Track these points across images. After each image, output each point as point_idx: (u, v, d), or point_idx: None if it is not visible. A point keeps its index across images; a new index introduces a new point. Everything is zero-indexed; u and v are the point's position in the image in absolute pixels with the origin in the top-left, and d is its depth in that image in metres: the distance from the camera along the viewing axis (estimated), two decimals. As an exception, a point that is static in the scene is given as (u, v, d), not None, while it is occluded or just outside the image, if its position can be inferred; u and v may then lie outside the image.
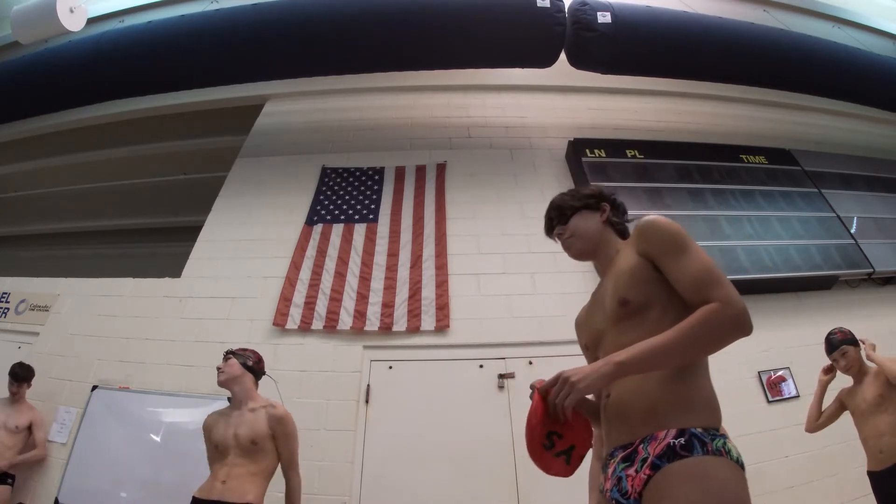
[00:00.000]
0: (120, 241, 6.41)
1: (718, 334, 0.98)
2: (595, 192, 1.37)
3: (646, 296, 1.10)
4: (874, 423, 2.41)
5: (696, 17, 4.13)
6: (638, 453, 0.99)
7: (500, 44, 3.86)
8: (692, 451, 0.93)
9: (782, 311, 3.57)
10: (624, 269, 1.16)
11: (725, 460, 0.94)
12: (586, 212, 1.33)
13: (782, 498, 2.80)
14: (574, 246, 1.32)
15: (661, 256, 1.10)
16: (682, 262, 1.06)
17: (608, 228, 1.32)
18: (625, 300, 1.11)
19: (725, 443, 0.97)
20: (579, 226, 1.32)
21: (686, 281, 1.05)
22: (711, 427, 0.99)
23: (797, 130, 5.10)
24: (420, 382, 3.15)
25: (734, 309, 0.97)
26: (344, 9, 3.72)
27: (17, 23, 3.86)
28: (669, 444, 0.95)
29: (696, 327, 0.98)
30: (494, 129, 4.69)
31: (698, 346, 0.99)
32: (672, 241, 1.09)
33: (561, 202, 1.37)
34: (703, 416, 0.99)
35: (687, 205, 3.94)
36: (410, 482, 2.83)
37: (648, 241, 1.13)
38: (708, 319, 0.97)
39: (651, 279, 1.10)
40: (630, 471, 0.99)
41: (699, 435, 0.95)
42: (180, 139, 5.55)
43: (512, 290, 3.47)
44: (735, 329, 0.97)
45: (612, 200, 1.36)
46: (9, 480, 2.84)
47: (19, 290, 3.83)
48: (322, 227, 3.89)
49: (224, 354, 2.31)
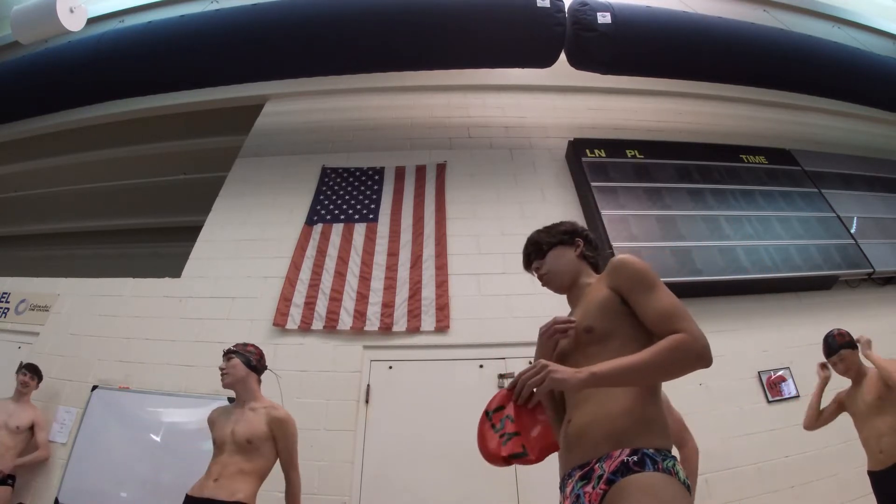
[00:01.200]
0: (120, 241, 6.42)
1: (684, 362, 1.07)
2: (569, 228, 1.47)
3: (611, 326, 1.18)
4: (874, 424, 2.42)
5: (696, 17, 4.13)
6: (594, 471, 1.06)
7: (500, 44, 3.86)
8: (644, 467, 1.01)
9: (782, 311, 3.57)
10: (594, 300, 1.24)
11: (674, 479, 1.01)
12: (561, 247, 1.43)
13: (782, 498, 2.80)
14: (552, 282, 1.42)
15: (631, 292, 1.18)
16: (652, 297, 1.15)
17: (582, 262, 1.41)
18: (590, 328, 1.20)
19: (675, 464, 1.04)
20: (555, 262, 1.42)
21: (655, 314, 1.13)
22: (664, 448, 1.07)
23: (797, 130, 5.10)
24: (420, 382, 3.15)
25: (701, 342, 1.07)
26: (344, 9, 3.72)
27: (17, 23, 3.86)
28: (623, 461, 1.02)
29: (665, 352, 1.06)
30: (494, 129, 4.69)
31: (664, 369, 1.07)
32: (643, 278, 1.18)
33: (537, 238, 1.47)
34: (656, 439, 1.08)
35: (687, 205, 3.94)
36: (410, 482, 2.83)
37: (620, 278, 1.21)
38: (678, 347, 1.06)
39: (618, 312, 1.19)
40: (587, 488, 1.06)
41: (651, 455, 1.03)
42: (180, 139, 5.55)
43: (512, 290, 3.47)
44: (699, 360, 1.06)
45: (585, 236, 1.45)
46: (9, 481, 2.83)
47: (19, 290, 3.83)
48: (322, 226, 3.89)
49: (225, 354, 2.28)
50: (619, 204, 3.84)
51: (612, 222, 3.67)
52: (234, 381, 2.21)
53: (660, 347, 1.08)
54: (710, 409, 3.01)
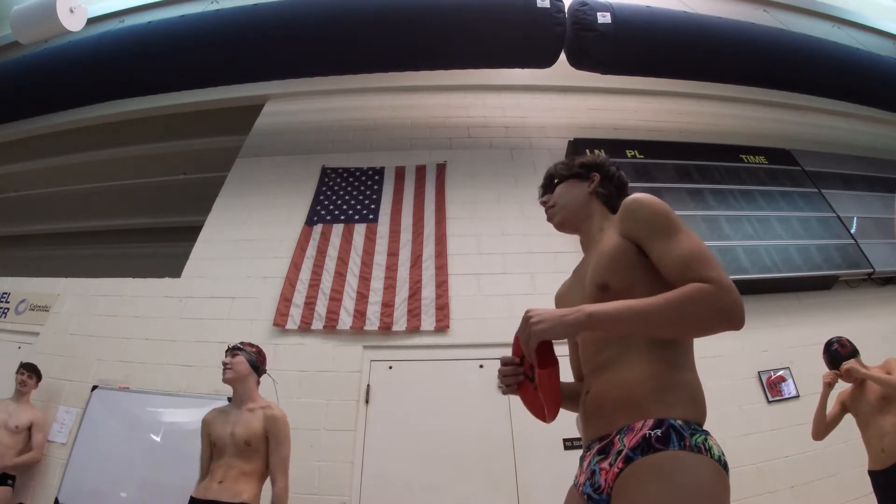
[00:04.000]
0: (120, 241, 6.42)
1: (706, 317, 0.88)
2: (588, 161, 1.28)
3: (627, 282, 1.01)
4: (878, 424, 2.43)
5: (696, 17, 4.13)
6: (614, 445, 0.92)
7: (501, 44, 3.86)
8: (668, 444, 0.85)
9: (782, 311, 3.57)
10: (606, 251, 1.07)
11: (704, 458, 0.85)
12: (574, 180, 1.26)
13: (783, 497, 2.80)
14: (555, 215, 1.27)
15: (648, 237, 1.00)
16: (672, 242, 0.97)
17: (595, 200, 1.23)
18: (605, 285, 1.03)
19: (707, 439, 0.88)
20: (562, 195, 1.26)
21: (674, 260, 0.95)
22: (694, 421, 0.91)
23: (797, 130, 5.10)
24: (420, 382, 3.15)
25: (730, 296, 0.88)
26: (344, 9, 3.72)
27: (17, 23, 3.86)
28: (645, 436, 0.87)
29: (684, 302, 0.88)
30: (494, 129, 4.69)
31: (680, 322, 0.90)
32: (660, 220, 1.00)
33: (553, 171, 1.32)
34: (685, 409, 0.92)
35: (687, 205, 3.94)
36: (410, 482, 2.83)
37: (634, 221, 1.04)
38: (699, 298, 0.88)
39: (634, 264, 1.02)
40: (604, 464, 0.93)
41: (679, 427, 0.87)
42: (180, 139, 5.55)
43: (512, 290, 3.47)
44: (727, 317, 0.88)
45: (605, 171, 1.25)
46: (9, 482, 2.83)
47: (19, 290, 3.83)
48: (322, 226, 3.89)
49: (230, 349, 2.28)
50: (619, 204, 3.83)
51: (612, 222, 3.67)
52: (236, 378, 2.21)
53: (675, 293, 0.90)
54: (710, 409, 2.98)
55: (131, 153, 5.70)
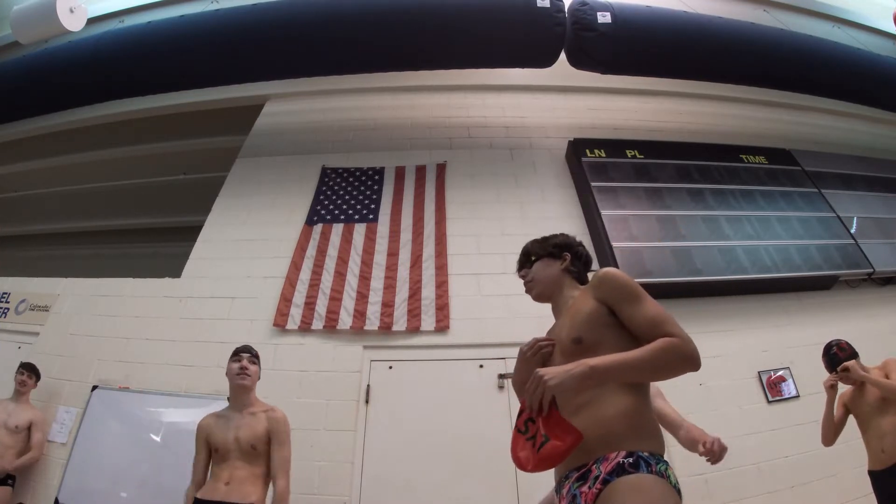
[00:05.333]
0: (120, 241, 6.42)
1: (676, 363, 1.13)
2: (561, 242, 1.53)
3: (599, 336, 1.23)
4: (877, 424, 2.43)
5: (696, 17, 4.13)
6: (591, 472, 1.10)
7: (501, 44, 3.86)
8: (638, 469, 1.06)
9: (782, 311, 3.57)
10: (581, 311, 1.29)
11: (664, 482, 1.06)
12: (548, 259, 1.49)
13: (783, 497, 2.80)
14: (533, 289, 1.50)
15: (620, 302, 1.25)
16: (640, 307, 1.22)
17: (566, 275, 1.47)
18: (579, 338, 1.25)
19: (667, 469, 1.09)
20: (539, 272, 1.49)
21: (645, 321, 1.20)
22: (657, 453, 1.12)
23: (797, 130, 5.10)
24: (420, 382, 3.15)
25: (691, 345, 1.14)
26: (344, 9, 3.72)
27: (17, 23, 3.86)
28: (619, 463, 1.07)
29: (660, 352, 1.13)
30: (494, 129, 4.69)
31: (658, 368, 1.14)
32: (631, 289, 1.25)
33: (529, 248, 1.55)
34: (651, 443, 1.13)
35: (687, 205, 3.94)
36: (410, 482, 2.83)
37: (607, 289, 1.28)
38: (671, 348, 1.13)
39: (605, 323, 1.25)
40: (584, 488, 1.10)
41: (646, 458, 1.08)
42: (180, 139, 5.55)
43: (512, 290, 3.42)
44: (689, 361, 1.13)
45: (575, 251, 1.51)
46: (9, 482, 2.83)
47: (19, 290, 3.83)
48: (322, 226, 3.89)
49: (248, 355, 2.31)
50: (619, 204, 3.84)
51: (612, 222, 3.67)
52: (251, 385, 2.27)
53: (654, 346, 1.13)
54: (710, 409, 3.01)
55: (131, 153, 5.70)
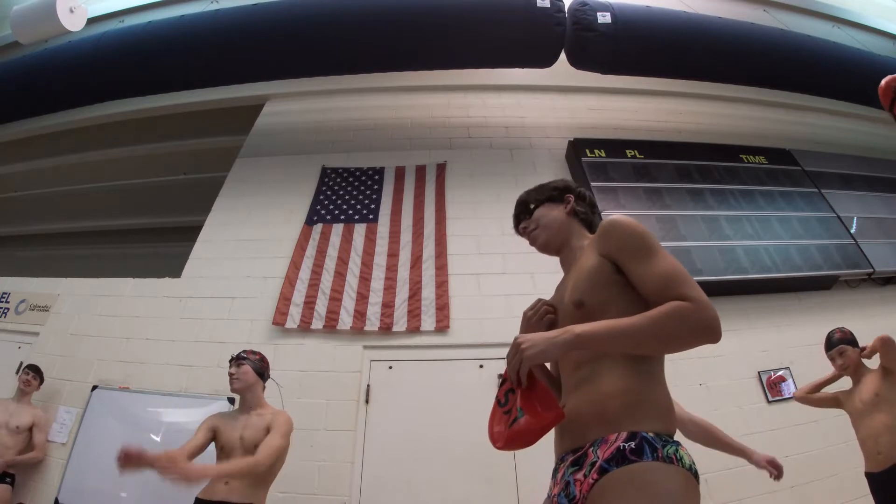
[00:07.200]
0: (120, 241, 6.42)
1: (687, 333, 0.92)
2: (559, 185, 1.35)
3: (602, 299, 1.05)
4: (870, 423, 2.41)
5: (696, 17, 4.13)
6: (587, 457, 0.95)
7: (501, 44, 3.86)
8: (642, 455, 0.88)
9: (782, 311, 3.58)
10: (584, 270, 1.11)
11: (676, 468, 0.88)
12: (550, 204, 1.32)
13: (783, 497, 2.80)
14: (539, 237, 1.31)
15: (626, 257, 1.04)
16: (650, 263, 1.01)
17: (574, 220, 1.29)
18: (580, 302, 1.07)
19: (678, 449, 0.92)
20: (542, 217, 1.31)
21: (654, 280, 0.99)
22: (665, 433, 0.94)
23: (797, 130, 5.10)
24: (420, 382, 3.15)
25: (708, 312, 0.92)
26: (344, 9, 3.72)
27: (17, 23, 3.86)
28: (619, 448, 0.90)
29: (665, 318, 0.92)
30: (494, 129, 4.69)
31: (662, 338, 0.94)
32: (639, 241, 1.04)
33: (525, 197, 1.36)
34: (657, 422, 0.95)
35: (687, 205, 3.94)
36: (410, 482, 2.83)
37: (611, 242, 1.08)
38: (680, 315, 0.92)
39: (610, 282, 1.06)
40: (579, 475, 0.95)
41: (650, 439, 0.90)
42: (180, 139, 5.55)
43: (512, 290, 3.47)
44: (706, 332, 0.91)
45: (577, 192, 1.33)
46: (8, 479, 2.83)
47: (19, 290, 3.83)
48: (322, 226, 3.89)
49: (235, 359, 2.32)
50: (619, 204, 3.84)
51: (613, 222, 3.67)
52: (244, 387, 2.26)
53: (657, 312, 0.93)
54: (710, 409, 3.00)
55: (131, 153, 5.70)
